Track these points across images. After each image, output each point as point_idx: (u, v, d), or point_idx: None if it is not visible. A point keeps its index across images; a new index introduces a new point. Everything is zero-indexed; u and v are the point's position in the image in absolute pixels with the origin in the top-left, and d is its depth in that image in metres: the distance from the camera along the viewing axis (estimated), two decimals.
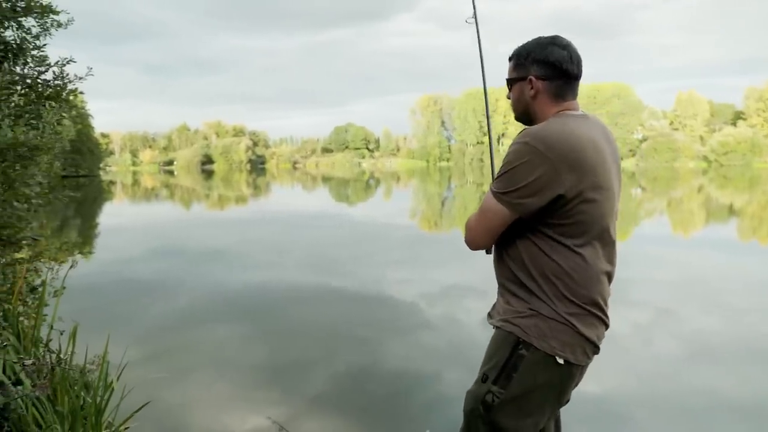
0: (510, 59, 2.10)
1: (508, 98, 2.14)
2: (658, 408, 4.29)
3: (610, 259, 2.03)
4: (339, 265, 10.14)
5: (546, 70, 1.97)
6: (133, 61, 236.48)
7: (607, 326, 2.03)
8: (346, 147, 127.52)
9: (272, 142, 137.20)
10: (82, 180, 42.56)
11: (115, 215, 21.45)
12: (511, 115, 2.18)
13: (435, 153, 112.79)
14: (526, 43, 2.05)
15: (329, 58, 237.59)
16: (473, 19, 2.64)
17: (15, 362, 2.45)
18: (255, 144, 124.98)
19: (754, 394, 4.58)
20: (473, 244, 2.05)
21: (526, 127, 1.98)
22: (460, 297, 7.74)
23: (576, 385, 2.10)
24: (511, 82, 2.09)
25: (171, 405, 4.22)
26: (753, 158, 77.53)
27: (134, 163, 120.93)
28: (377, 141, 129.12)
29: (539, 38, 2.02)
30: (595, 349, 1.99)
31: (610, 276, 2.03)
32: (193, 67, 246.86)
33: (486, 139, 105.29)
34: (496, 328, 2.07)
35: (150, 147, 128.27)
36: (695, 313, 6.98)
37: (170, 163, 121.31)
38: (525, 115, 2.08)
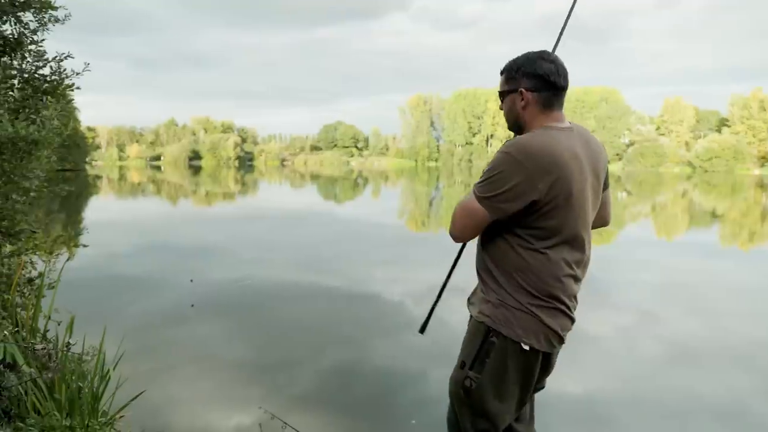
0: (501, 73, 2.23)
1: (501, 109, 2.28)
2: (639, 409, 4.40)
3: (579, 263, 2.16)
4: (326, 264, 10.21)
5: (535, 83, 2.11)
6: (121, 54, 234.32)
7: (572, 320, 2.18)
8: (335, 145, 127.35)
9: (261, 138, 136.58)
10: (68, 174, 42.24)
11: (101, 210, 21.36)
12: (501, 117, 2.29)
13: (424, 153, 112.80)
14: (516, 58, 2.18)
15: (320, 55, 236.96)
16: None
17: (26, 346, 2.52)
18: (243, 140, 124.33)
19: (732, 397, 4.70)
20: (457, 238, 2.23)
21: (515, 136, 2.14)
22: (445, 296, 7.82)
23: (548, 373, 2.28)
24: (503, 95, 2.23)
25: (164, 395, 4.31)
26: (736, 165, 78.32)
27: (121, 158, 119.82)
28: (366, 140, 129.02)
29: (528, 53, 2.17)
30: (559, 338, 2.14)
31: (576, 279, 2.17)
32: (182, 62, 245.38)
33: (474, 139, 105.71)
34: (471, 317, 2.27)
35: (137, 142, 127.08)
36: (677, 316, 7.11)
37: (157, 158, 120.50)
38: (516, 125, 2.22)
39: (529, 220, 2.04)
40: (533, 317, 2.07)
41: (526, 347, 2.08)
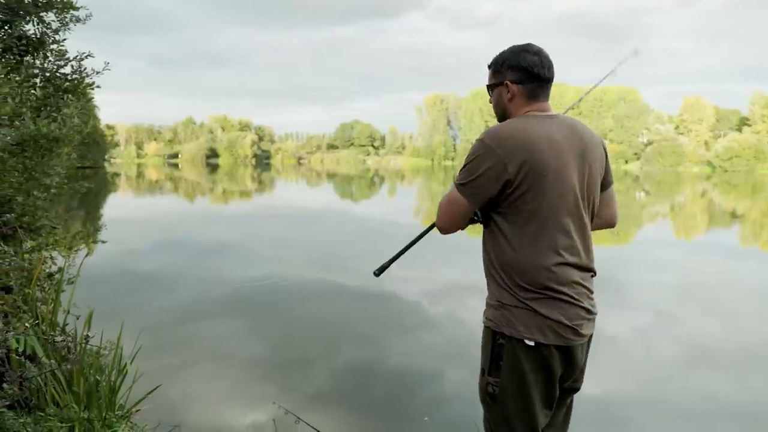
0: (489, 67, 2.29)
1: (490, 102, 2.33)
2: (656, 410, 4.39)
3: (570, 250, 2.11)
4: (342, 262, 10.26)
5: (519, 75, 2.16)
6: (140, 53, 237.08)
7: (584, 309, 2.11)
8: (352, 144, 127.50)
9: (278, 137, 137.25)
10: (88, 171, 42.71)
11: (120, 207, 21.62)
12: None
13: (440, 152, 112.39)
14: (502, 52, 2.23)
15: (337, 54, 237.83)
16: None
17: (46, 338, 2.58)
18: (260, 139, 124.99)
19: (753, 399, 4.67)
20: (442, 229, 2.29)
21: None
22: (461, 296, 7.86)
23: (575, 368, 2.19)
24: (490, 88, 2.29)
25: (180, 390, 4.37)
26: (756, 165, 76.86)
27: (139, 156, 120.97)
28: (383, 139, 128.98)
29: (513, 46, 2.22)
30: (571, 329, 2.07)
31: (574, 266, 2.11)
32: (200, 61, 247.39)
33: None
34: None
35: (155, 140, 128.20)
36: (695, 316, 7.07)
37: (175, 156, 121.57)
38: (503, 116, 2.26)
39: (506, 205, 2.07)
40: (531, 312, 2.05)
41: (531, 343, 2.05)
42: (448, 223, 2.24)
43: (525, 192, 2.03)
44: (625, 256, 11.39)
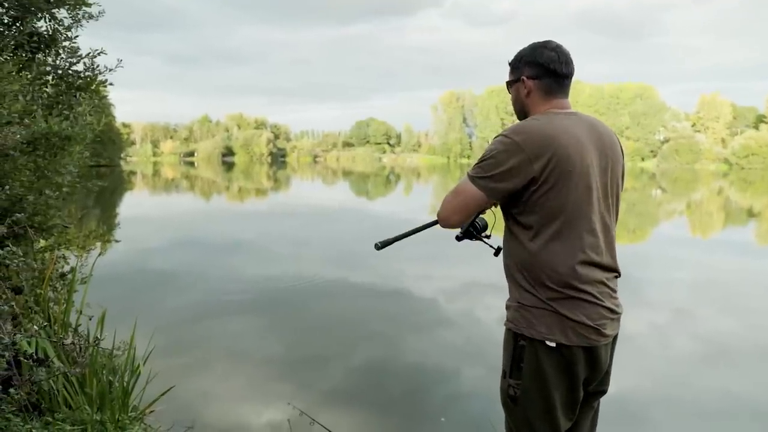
0: (509, 65, 2.29)
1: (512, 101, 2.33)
2: (674, 408, 4.34)
3: (594, 248, 2.06)
4: (358, 260, 10.21)
5: (536, 70, 2.16)
6: (157, 50, 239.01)
7: (607, 308, 2.06)
8: (367, 142, 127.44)
9: (293, 135, 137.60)
10: (103, 170, 43.03)
11: (135, 206, 21.71)
12: None
13: (456, 150, 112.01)
14: (522, 49, 2.24)
15: (352, 52, 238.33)
16: None
17: (54, 341, 2.54)
18: (276, 137, 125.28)
19: None
20: (446, 221, 2.23)
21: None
22: (479, 294, 7.80)
23: (599, 370, 2.14)
24: (510, 85, 2.29)
25: (194, 390, 4.34)
26: None
27: (155, 154, 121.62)
28: (398, 136, 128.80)
29: (533, 43, 2.22)
30: (593, 330, 2.02)
31: (598, 265, 2.07)
32: (216, 59, 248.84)
33: None
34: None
35: (171, 138, 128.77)
36: (712, 314, 7.00)
37: (191, 154, 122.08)
38: (522, 113, 2.25)
39: (530, 203, 2.03)
40: (552, 312, 2.01)
41: (552, 344, 2.01)
42: (458, 214, 2.19)
43: (550, 189, 1.99)
44: (642, 253, 11.27)
